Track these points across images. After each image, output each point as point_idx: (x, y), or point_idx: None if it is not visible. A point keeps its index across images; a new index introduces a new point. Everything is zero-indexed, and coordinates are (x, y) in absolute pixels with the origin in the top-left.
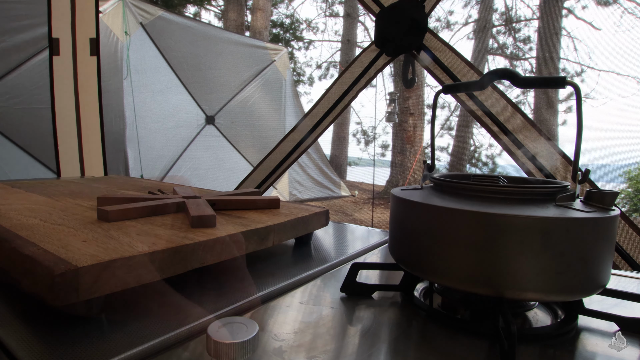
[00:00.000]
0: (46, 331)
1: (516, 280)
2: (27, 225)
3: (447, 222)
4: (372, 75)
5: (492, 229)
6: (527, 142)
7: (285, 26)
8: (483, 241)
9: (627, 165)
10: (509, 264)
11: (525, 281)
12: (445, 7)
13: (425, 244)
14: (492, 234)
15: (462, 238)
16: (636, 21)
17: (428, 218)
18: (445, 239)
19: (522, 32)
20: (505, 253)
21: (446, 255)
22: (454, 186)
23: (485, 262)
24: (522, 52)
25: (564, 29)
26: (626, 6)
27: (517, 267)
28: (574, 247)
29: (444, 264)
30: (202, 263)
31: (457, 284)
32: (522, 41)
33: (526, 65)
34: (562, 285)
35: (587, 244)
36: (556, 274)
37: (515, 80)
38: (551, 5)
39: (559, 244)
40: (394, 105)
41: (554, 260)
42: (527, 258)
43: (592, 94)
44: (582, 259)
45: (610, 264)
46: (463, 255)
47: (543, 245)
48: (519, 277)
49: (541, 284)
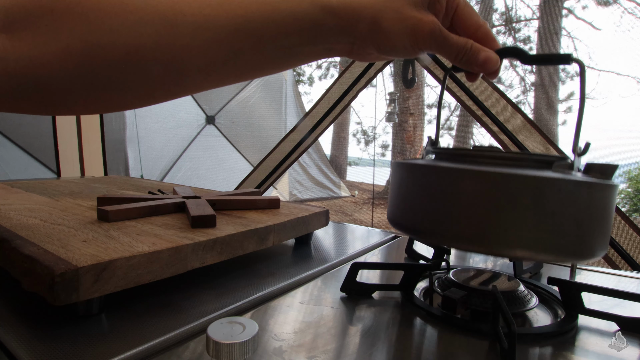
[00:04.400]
0: (46, 331)
1: (507, 237)
2: (27, 225)
3: (445, 182)
4: (372, 75)
5: (485, 186)
6: (527, 142)
7: None
8: (477, 199)
9: (627, 165)
10: (500, 221)
11: (516, 238)
12: None
13: (422, 204)
14: (486, 191)
15: (459, 196)
16: (636, 21)
17: (427, 178)
18: (442, 197)
19: (522, 32)
20: (497, 210)
21: (442, 213)
22: (455, 154)
23: (478, 218)
24: None
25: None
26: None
27: (508, 224)
28: (566, 208)
29: (441, 223)
30: (202, 263)
31: (450, 242)
32: (522, 41)
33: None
34: (552, 245)
35: (580, 206)
36: (547, 233)
37: (523, 58)
38: (551, 5)
39: (551, 203)
40: (394, 105)
41: (546, 219)
42: (518, 215)
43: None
44: (575, 221)
45: (606, 235)
46: (459, 213)
47: (535, 204)
48: (509, 234)
49: (532, 242)
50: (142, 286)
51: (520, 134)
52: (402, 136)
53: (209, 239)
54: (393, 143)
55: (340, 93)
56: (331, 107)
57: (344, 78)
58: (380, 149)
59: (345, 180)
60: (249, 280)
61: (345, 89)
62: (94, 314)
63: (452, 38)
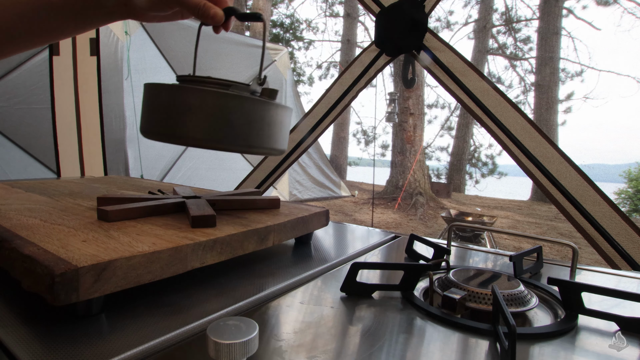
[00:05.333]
0: (46, 331)
1: (193, 130)
2: (27, 225)
3: (175, 97)
4: (372, 75)
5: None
6: (527, 142)
7: (285, 26)
8: (179, 107)
9: (627, 165)
10: (188, 117)
11: (196, 131)
12: (445, 7)
13: (167, 112)
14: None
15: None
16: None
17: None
18: (167, 107)
19: (522, 32)
20: (190, 112)
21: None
22: (184, 79)
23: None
24: (522, 52)
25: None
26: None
27: (193, 120)
28: (223, 111)
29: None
30: (202, 263)
31: (173, 139)
32: (522, 41)
33: (526, 65)
34: (217, 135)
35: (233, 111)
36: (215, 127)
37: (236, 15)
38: (551, 5)
39: (214, 106)
40: (394, 105)
41: (212, 118)
42: (199, 114)
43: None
44: (229, 120)
45: (269, 136)
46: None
47: (208, 106)
48: (195, 128)
49: (205, 134)
50: (142, 286)
51: (520, 134)
52: (402, 136)
53: (209, 239)
54: (393, 143)
55: (340, 93)
56: (331, 107)
57: (344, 78)
58: (380, 149)
59: (345, 180)
60: (249, 280)
61: (345, 89)
62: (94, 314)
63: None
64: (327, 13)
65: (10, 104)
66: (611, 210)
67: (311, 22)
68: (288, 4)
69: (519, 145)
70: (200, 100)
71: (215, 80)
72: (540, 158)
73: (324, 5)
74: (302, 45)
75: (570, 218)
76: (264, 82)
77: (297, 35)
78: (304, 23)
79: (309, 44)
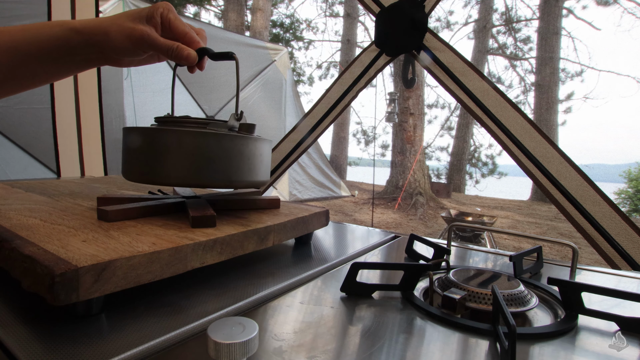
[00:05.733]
0: (46, 331)
1: (174, 171)
2: (27, 225)
3: (155, 139)
4: (372, 75)
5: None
6: (527, 142)
7: (285, 26)
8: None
9: (627, 165)
10: (168, 160)
11: (177, 172)
12: (445, 7)
13: (146, 156)
14: (155, 143)
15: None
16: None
17: (146, 138)
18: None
19: (522, 32)
20: (166, 153)
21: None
22: (162, 120)
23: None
24: (522, 52)
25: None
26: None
27: (173, 162)
28: (202, 150)
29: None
30: (202, 263)
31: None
32: (522, 41)
33: (526, 65)
34: (198, 175)
35: (212, 149)
36: (195, 167)
37: (209, 55)
38: (551, 5)
39: (193, 147)
40: (394, 105)
41: (192, 158)
42: (179, 156)
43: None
44: (209, 158)
45: (244, 170)
46: (144, 160)
47: (187, 147)
48: (176, 170)
49: (186, 175)
50: (142, 286)
51: (520, 134)
52: (402, 136)
53: (209, 239)
54: (393, 143)
55: (340, 93)
56: (331, 107)
57: (344, 78)
58: (380, 149)
59: (345, 180)
60: (249, 280)
61: (345, 89)
62: (94, 314)
63: (160, 41)
64: (327, 13)
65: (10, 104)
66: (611, 210)
67: (311, 22)
68: (288, 4)
69: (519, 145)
70: (179, 141)
71: (192, 120)
72: (540, 158)
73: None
74: (302, 45)
75: (570, 218)
76: (240, 117)
77: (297, 35)
78: (304, 23)
79: (309, 44)
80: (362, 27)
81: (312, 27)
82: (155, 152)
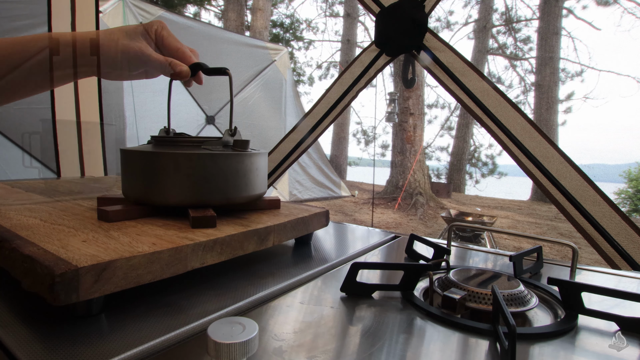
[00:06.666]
0: (46, 331)
1: (172, 192)
2: (27, 225)
3: (150, 162)
4: (372, 75)
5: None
6: (527, 142)
7: (285, 26)
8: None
9: (627, 165)
10: (165, 181)
11: (175, 193)
12: (445, 7)
13: (144, 178)
14: (152, 164)
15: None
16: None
17: (141, 160)
18: (144, 173)
19: (522, 32)
20: (163, 174)
21: (139, 181)
22: (157, 139)
23: (150, 182)
24: (522, 52)
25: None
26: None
27: (171, 183)
28: (198, 171)
29: (148, 188)
30: (202, 263)
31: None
32: (522, 41)
33: (526, 65)
34: (195, 195)
35: (207, 169)
36: (192, 187)
37: (203, 70)
38: (551, 5)
39: (189, 168)
40: (394, 105)
41: (189, 179)
42: (175, 177)
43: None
44: (205, 178)
45: (240, 186)
46: (140, 181)
47: (183, 168)
48: (173, 190)
49: (184, 195)
50: (142, 286)
51: (520, 134)
52: (402, 136)
53: (209, 240)
54: (393, 143)
55: (340, 93)
56: (331, 107)
57: (344, 78)
58: (380, 149)
59: (345, 180)
60: (249, 280)
61: (345, 89)
62: (94, 314)
63: (155, 56)
64: (327, 13)
65: (10, 104)
66: (611, 210)
67: (311, 22)
68: (288, 4)
69: (519, 145)
70: (174, 164)
71: (187, 140)
72: (540, 158)
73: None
74: (302, 45)
75: (570, 218)
76: (234, 133)
77: (297, 35)
78: (304, 23)
79: (309, 44)
80: (362, 27)
81: (312, 27)
82: (151, 174)
